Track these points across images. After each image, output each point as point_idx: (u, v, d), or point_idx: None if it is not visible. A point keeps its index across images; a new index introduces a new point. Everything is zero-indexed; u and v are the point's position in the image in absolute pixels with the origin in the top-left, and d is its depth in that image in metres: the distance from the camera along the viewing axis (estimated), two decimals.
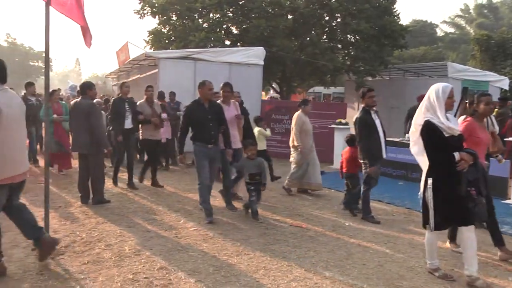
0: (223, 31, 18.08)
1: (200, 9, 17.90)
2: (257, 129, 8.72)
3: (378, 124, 6.05)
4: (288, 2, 17.44)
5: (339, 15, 17.86)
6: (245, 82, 11.46)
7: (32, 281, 3.80)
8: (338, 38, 19.15)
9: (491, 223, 4.69)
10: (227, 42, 18.11)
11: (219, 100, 6.63)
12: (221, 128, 6.09)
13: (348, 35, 18.71)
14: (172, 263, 4.26)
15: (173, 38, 18.32)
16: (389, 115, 14.27)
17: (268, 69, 14.95)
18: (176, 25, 18.38)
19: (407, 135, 10.53)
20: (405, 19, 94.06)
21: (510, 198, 7.49)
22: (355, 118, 6.14)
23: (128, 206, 6.47)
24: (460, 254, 4.42)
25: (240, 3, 17.92)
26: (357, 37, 18.21)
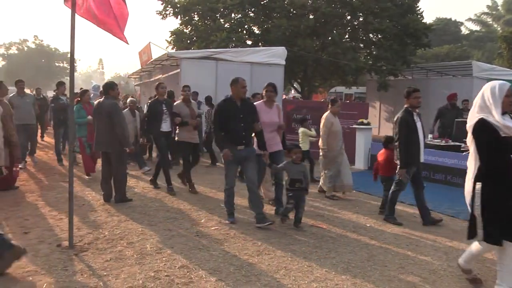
0: (244, 31, 18.14)
1: (222, 9, 18.00)
2: (302, 129, 8.59)
3: (419, 126, 5.84)
4: (309, 1, 17.37)
5: (361, 14, 17.71)
6: (266, 82, 11.42)
7: (57, 276, 3.88)
8: (360, 37, 19.00)
9: None
10: (249, 42, 18.15)
11: (260, 101, 6.43)
12: (254, 129, 5.78)
13: (370, 34, 18.54)
14: (193, 262, 4.29)
15: (195, 38, 18.48)
16: None
17: (289, 69, 14.93)
18: (198, 25, 18.53)
19: (430, 135, 10.38)
20: (428, 17, 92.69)
21: None
22: (396, 117, 5.94)
23: (149, 205, 6.55)
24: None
25: (262, 3, 17.94)
26: (379, 36, 18.02)
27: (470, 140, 3.71)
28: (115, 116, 6.41)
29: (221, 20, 18.12)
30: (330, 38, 17.77)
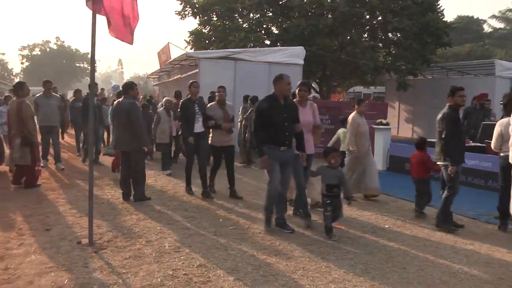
0: (263, 31, 18.15)
1: (240, 9, 18.05)
2: (343, 130, 8.36)
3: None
4: (328, 1, 17.28)
5: (380, 13, 17.55)
6: None
7: (78, 273, 3.94)
8: (379, 36, 18.83)
9: None
10: (267, 42, 18.16)
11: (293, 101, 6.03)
12: (295, 129, 5.47)
13: (389, 33, 18.36)
14: (211, 261, 4.31)
15: (213, 38, 18.58)
16: (431, 116, 13.85)
17: (308, 68, 14.87)
18: (216, 26, 18.62)
19: None
20: (449, 16, 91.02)
21: None
22: (442, 113, 5.69)
23: (168, 204, 6.60)
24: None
25: (280, 3, 17.92)
26: (399, 35, 17.83)
27: None
28: (132, 115, 6.48)
29: (240, 20, 18.19)
30: (348, 37, 17.68)
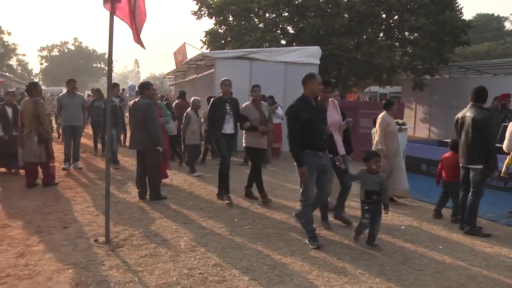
0: (278, 31, 18.15)
1: (256, 9, 18.07)
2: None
3: None
4: (344, 0, 17.19)
5: (397, 12, 17.38)
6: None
7: (94, 270, 3.99)
8: (396, 35, 18.66)
9: None
10: (283, 42, 18.14)
11: None
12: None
13: (406, 32, 18.17)
14: (226, 260, 4.32)
15: (229, 39, 18.64)
16: (449, 116, 13.69)
17: (323, 68, 14.81)
18: (232, 26, 18.68)
19: None
20: (468, 14, 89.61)
21: None
22: (482, 115, 5.46)
23: (184, 203, 6.63)
24: None
25: (296, 2, 17.87)
26: (416, 34, 17.64)
27: None
28: (147, 115, 6.53)
29: (255, 20, 18.20)
30: (364, 36, 17.54)
